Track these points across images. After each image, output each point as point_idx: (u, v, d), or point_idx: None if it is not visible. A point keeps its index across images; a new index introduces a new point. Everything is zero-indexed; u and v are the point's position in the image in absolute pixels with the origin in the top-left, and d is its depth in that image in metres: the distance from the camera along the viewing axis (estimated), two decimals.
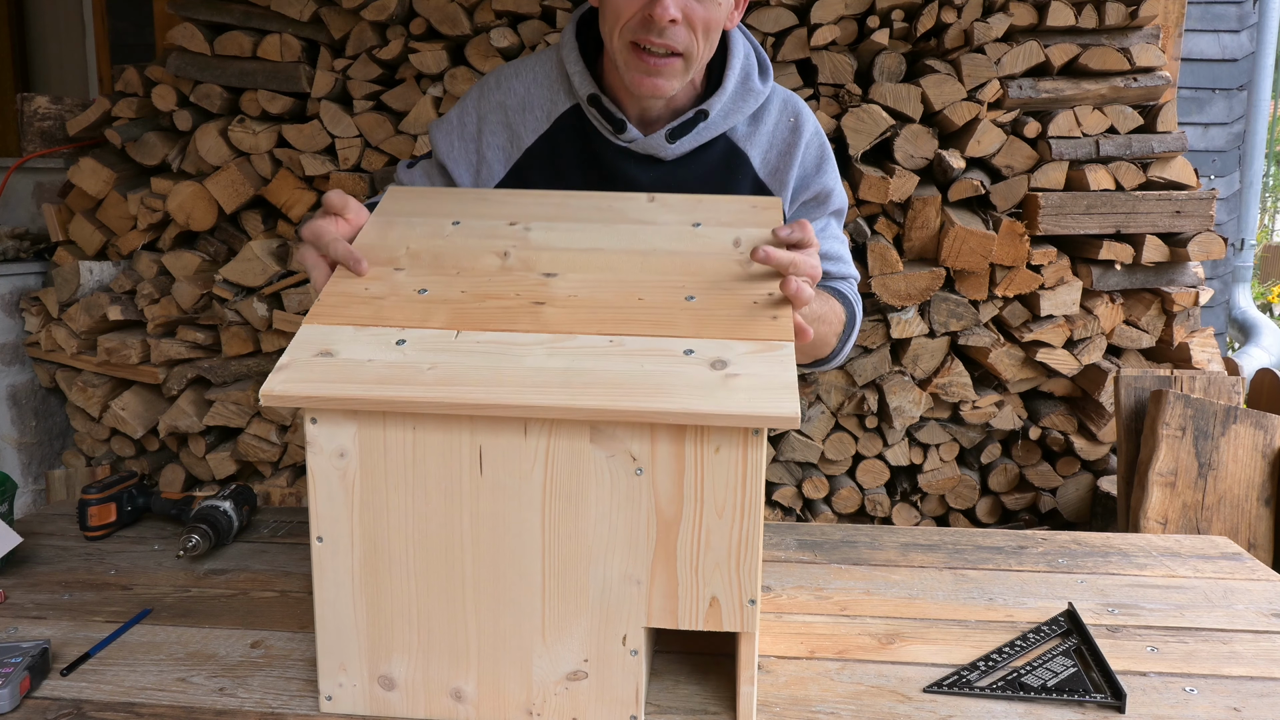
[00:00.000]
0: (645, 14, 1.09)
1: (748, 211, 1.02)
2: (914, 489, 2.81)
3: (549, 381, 0.78)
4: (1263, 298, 6.54)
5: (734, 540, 0.78)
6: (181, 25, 2.74)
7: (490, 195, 1.07)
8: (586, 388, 0.77)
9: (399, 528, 0.80)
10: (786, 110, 1.27)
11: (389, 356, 0.81)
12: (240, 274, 2.74)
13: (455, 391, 0.77)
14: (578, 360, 0.80)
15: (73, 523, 1.29)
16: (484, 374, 0.79)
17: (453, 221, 1.00)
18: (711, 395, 0.76)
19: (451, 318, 0.86)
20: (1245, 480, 2.22)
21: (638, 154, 1.21)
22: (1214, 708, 0.84)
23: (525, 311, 0.87)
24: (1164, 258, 2.58)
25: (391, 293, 0.89)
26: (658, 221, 1.01)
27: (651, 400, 0.76)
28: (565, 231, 0.99)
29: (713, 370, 0.79)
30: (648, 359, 0.81)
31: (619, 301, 0.88)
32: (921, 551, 1.22)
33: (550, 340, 0.83)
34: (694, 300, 0.88)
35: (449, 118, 1.27)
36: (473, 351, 0.82)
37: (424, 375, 0.79)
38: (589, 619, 0.80)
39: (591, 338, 0.83)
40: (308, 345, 0.83)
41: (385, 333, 0.84)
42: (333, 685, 0.83)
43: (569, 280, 0.91)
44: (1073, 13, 2.53)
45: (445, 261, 0.94)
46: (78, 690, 0.86)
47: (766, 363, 0.80)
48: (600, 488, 0.78)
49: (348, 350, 0.82)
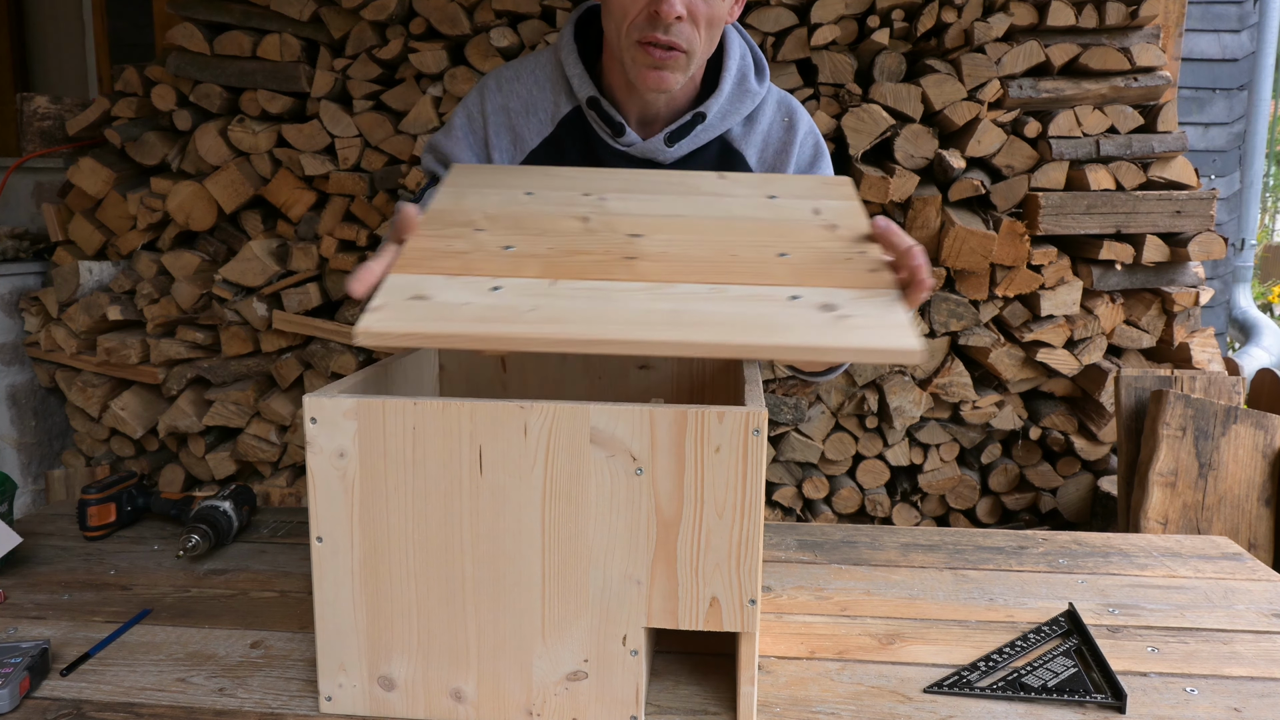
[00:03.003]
0: (651, 11, 1.09)
1: (820, 186, 1.03)
2: (914, 489, 2.80)
3: (657, 320, 0.75)
4: (1263, 298, 6.54)
5: (734, 540, 0.77)
6: (181, 25, 2.74)
7: (558, 170, 1.06)
8: (698, 325, 0.75)
9: (399, 528, 0.80)
10: (781, 110, 1.28)
11: (486, 300, 0.78)
12: (240, 274, 2.74)
13: (561, 328, 0.74)
14: (683, 304, 0.78)
15: (72, 523, 1.29)
16: (588, 313, 0.76)
17: (525, 192, 1.00)
18: (827, 331, 0.74)
19: (544, 269, 0.84)
20: (1246, 480, 2.22)
21: (636, 157, 1.21)
22: (1214, 708, 0.84)
23: (618, 265, 0.85)
24: (1164, 258, 2.58)
25: (476, 249, 0.87)
26: (732, 194, 1.01)
27: (768, 337, 0.74)
28: (641, 201, 0.99)
29: (822, 312, 0.77)
30: (753, 303, 0.78)
31: (712, 257, 0.87)
32: (922, 552, 1.22)
33: (650, 287, 0.81)
34: (788, 256, 0.87)
35: (453, 126, 1.26)
36: (573, 296, 0.79)
37: (526, 315, 0.76)
38: (589, 619, 0.80)
39: (693, 285, 0.81)
40: (398, 290, 0.79)
41: (478, 280, 0.81)
42: (332, 685, 0.83)
43: (656, 240, 0.90)
44: (1073, 12, 2.53)
45: (526, 224, 0.92)
46: (78, 690, 0.86)
47: (875, 305, 0.78)
48: (600, 488, 0.78)
49: (442, 295, 0.79)
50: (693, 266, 0.85)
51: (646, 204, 0.98)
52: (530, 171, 1.07)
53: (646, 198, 1.00)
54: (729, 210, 0.97)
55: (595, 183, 1.03)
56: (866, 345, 0.73)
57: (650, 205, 0.98)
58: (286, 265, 2.76)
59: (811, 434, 2.72)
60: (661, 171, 1.08)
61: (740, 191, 1.02)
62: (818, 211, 0.97)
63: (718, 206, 0.98)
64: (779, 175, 1.09)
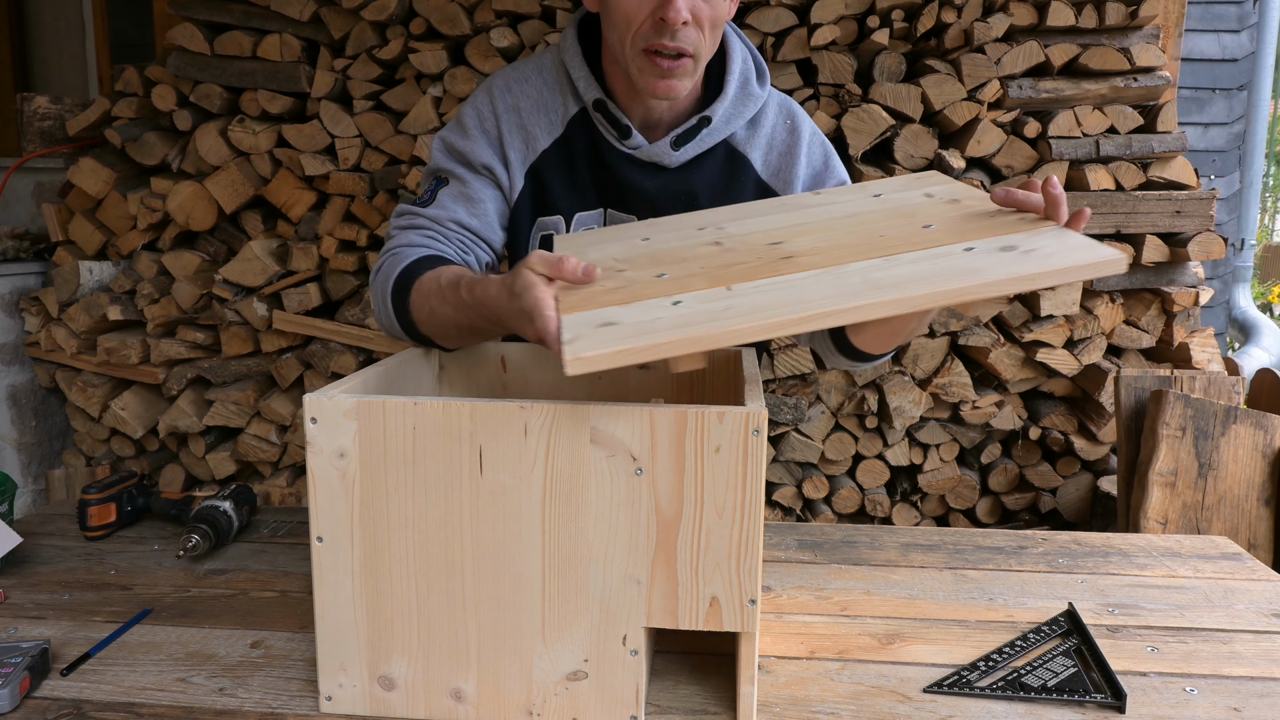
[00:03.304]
0: (656, 18, 1.09)
1: (915, 181, 1.04)
2: (914, 489, 2.81)
3: (857, 288, 0.73)
4: (1263, 298, 6.54)
5: (734, 540, 0.78)
6: (181, 25, 2.74)
7: (654, 221, 1.08)
8: (901, 284, 0.73)
9: (399, 528, 0.80)
10: (782, 112, 1.28)
11: (674, 312, 0.76)
12: (240, 274, 2.74)
13: (774, 311, 0.72)
14: (870, 274, 0.76)
15: (73, 523, 1.29)
16: (788, 297, 0.74)
17: (641, 238, 1.00)
18: (1026, 263, 0.74)
19: (711, 281, 0.82)
20: (1245, 480, 2.22)
21: (642, 161, 1.21)
22: (1214, 708, 0.84)
23: (779, 264, 0.83)
24: (1164, 258, 2.58)
25: (631, 282, 0.85)
26: (838, 201, 1.02)
27: (976, 277, 0.73)
28: (758, 221, 0.99)
29: (1005, 253, 0.77)
30: (935, 261, 0.77)
31: (863, 242, 0.85)
32: (922, 551, 1.22)
33: (826, 270, 0.79)
34: (933, 227, 0.87)
35: (465, 126, 1.22)
36: (758, 292, 0.77)
37: (725, 314, 0.73)
38: (589, 619, 0.80)
39: (865, 261, 0.79)
40: (583, 323, 0.76)
41: (654, 302, 0.78)
42: (333, 685, 0.83)
43: (800, 242, 0.89)
44: (1073, 13, 2.53)
45: (663, 258, 0.91)
46: (78, 690, 0.86)
47: (1048, 237, 0.79)
48: (600, 487, 0.78)
49: (629, 318, 0.76)
50: (851, 250, 0.83)
51: (765, 223, 0.98)
52: (629, 226, 1.08)
53: (761, 219, 1.00)
54: (846, 210, 0.97)
55: (702, 219, 1.03)
56: (1070, 264, 0.73)
57: (769, 223, 0.98)
58: (287, 265, 2.76)
59: (811, 434, 2.72)
60: (761, 201, 1.10)
61: (845, 197, 1.02)
62: (930, 195, 0.98)
63: (833, 211, 0.98)
64: (872, 182, 1.07)
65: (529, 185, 1.23)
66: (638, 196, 1.22)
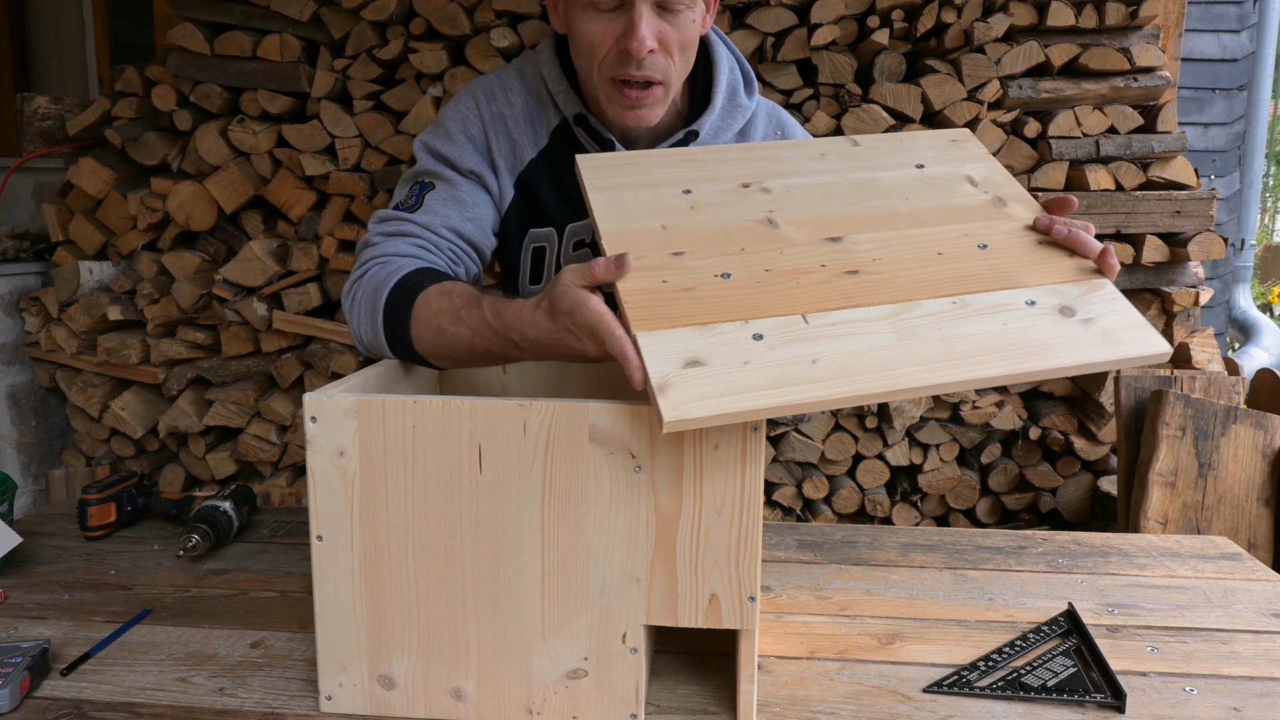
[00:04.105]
0: (620, 48, 1.05)
1: (947, 146, 1.06)
2: (914, 489, 2.81)
3: (939, 358, 0.79)
4: (1263, 298, 6.54)
5: (733, 537, 0.78)
6: (181, 25, 2.74)
7: (691, 153, 1.02)
8: (979, 358, 0.80)
9: (399, 527, 0.80)
10: (771, 123, 1.26)
11: (764, 356, 0.77)
12: (240, 274, 2.74)
13: (863, 382, 0.76)
14: (943, 328, 0.82)
15: (73, 523, 1.29)
16: (873, 361, 0.78)
17: (683, 190, 0.96)
18: (1089, 345, 0.82)
19: (784, 302, 0.83)
20: (1245, 480, 2.22)
21: None
22: (1214, 708, 0.84)
23: (847, 283, 0.86)
24: (1164, 258, 2.58)
25: (695, 282, 0.85)
26: (881, 165, 1.03)
27: (1048, 360, 0.80)
28: (804, 187, 0.99)
29: (1065, 318, 0.85)
30: (999, 315, 0.84)
31: (923, 259, 0.90)
32: (921, 552, 1.22)
33: (897, 311, 0.83)
34: (987, 249, 0.92)
35: (449, 132, 1.18)
36: (836, 335, 0.80)
37: (815, 371, 0.76)
38: (589, 617, 0.80)
39: (935, 301, 0.85)
40: (668, 357, 0.76)
41: (732, 329, 0.79)
42: (333, 685, 0.83)
43: (859, 242, 0.91)
44: (1073, 13, 2.53)
45: (717, 239, 0.90)
46: (78, 690, 0.86)
47: (1104, 302, 0.86)
48: (600, 485, 0.78)
49: (715, 356, 0.76)
50: (915, 275, 0.88)
51: (811, 191, 0.98)
52: (664, 158, 1.01)
53: (803, 181, 0.99)
54: (894, 189, 0.99)
55: (743, 169, 1.00)
56: (1130, 355, 0.83)
57: (815, 193, 0.98)
58: (287, 265, 2.76)
59: (811, 434, 2.72)
60: (795, 143, 1.06)
61: (886, 161, 1.04)
62: (973, 182, 1.01)
63: (881, 188, 1.00)
64: (906, 135, 1.08)
65: (519, 196, 1.19)
66: None
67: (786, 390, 0.74)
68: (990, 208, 0.97)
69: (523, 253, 1.22)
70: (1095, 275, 0.90)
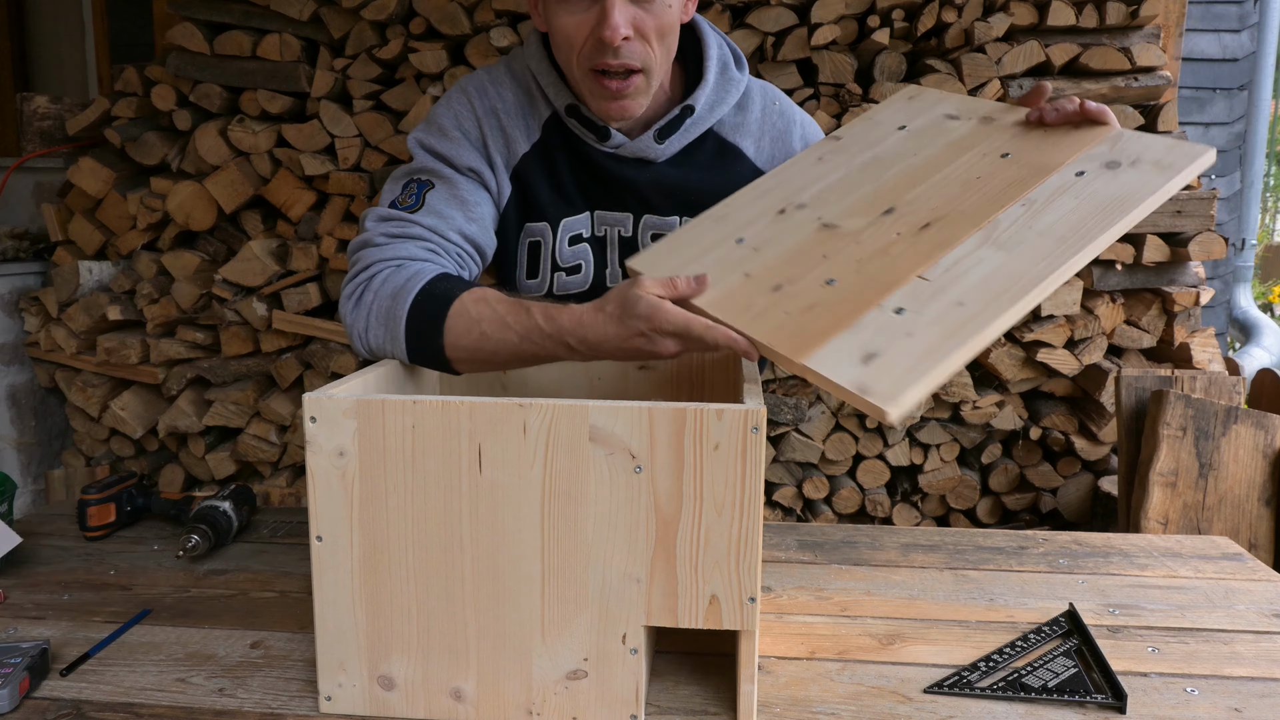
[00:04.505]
0: (596, 37, 1.05)
1: (908, 104, 1.12)
2: (914, 489, 2.80)
3: (1049, 248, 0.84)
4: (1263, 298, 6.53)
5: (733, 538, 0.77)
6: (181, 25, 2.74)
7: (710, 215, 1.06)
8: (1081, 230, 0.84)
9: (399, 527, 0.80)
10: (767, 97, 1.26)
11: (918, 322, 0.80)
12: (240, 274, 2.74)
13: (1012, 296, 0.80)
14: (1033, 225, 0.87)
15: (72, 523, 1.29)
16: (1002, 278, 0.82)
17: (735, 240, 0.99)
18: (1153, 178, 0.87)
19: (891, 275, 0.86)
20: (1246, 480, 2.22)
21: (627, 158, 1.19)
22: (1215, 708, 0.84)
23: (928, 235, 0.90)
24: (1165, 257, 2.57)
25: (811, 300, 0.87)
26: (872, 143, 1.07)
27: (1132, 206, 0.85)
28: (830, 188, 1.03)
29: (1115, 170, 0.90)
30: (1066, 195, 0.89)
31: (969, 187, 0.95)
32: (922, 552, 1.22)
33: (985, 234, 0.88)
34: (1009, 156, 0.97)
35: (444, 129, 1.16)
36: (958, 275, 0.84)
37: (968, 310, 0.80)
38: (588, 618, 0.80)
39: (1008, 211, 0.90)
40: (844, 365, 0.79)
41: (873, 316, 0.82)
42: (332, 685, 0.83)
43: (910, 202, 0.96)
44: (1073, 12, 2.53)
45: (798, 260, 0.93)
46: (77, 690, 0.86)
47: (1133, 145, 0.92)
48: (600, 486, 0.77)
49: (880, 343, 0.80)
50: (974, 204, 0.92)
51: (841, 190, 1.01)
52: (696, 227, 1.05)
53: (823, 184, 1.03)
54: (900, 155, 1.03)
55: (772, 199, 1.04)
56: (1189, 169, 0.88)
57: (845, 189, 1.01)
58: (286, 265, 2.76)
59: (812, 434, 2.72)
60: (791, 162, 1.10)
61: (874, 138, 1.08)
62: (953, 117, 1.07)
63: (888, 159, 1.04)
64: (871, 110, 1.13)
65: (515, 190, 1.19)
66: (629, 192, 1.20)
67: (959, 334, 0.78)
68: (983, 127, 1.03)
69: (520, 246, 1.22)
70: (1102, 128, 0.96)
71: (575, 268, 1.23)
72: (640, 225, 1.22)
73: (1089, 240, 0.83)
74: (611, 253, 1.24)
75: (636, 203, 1.21)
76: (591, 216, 1.22)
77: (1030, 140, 0.98)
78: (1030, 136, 0.99)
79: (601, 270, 1.24)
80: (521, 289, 1.24)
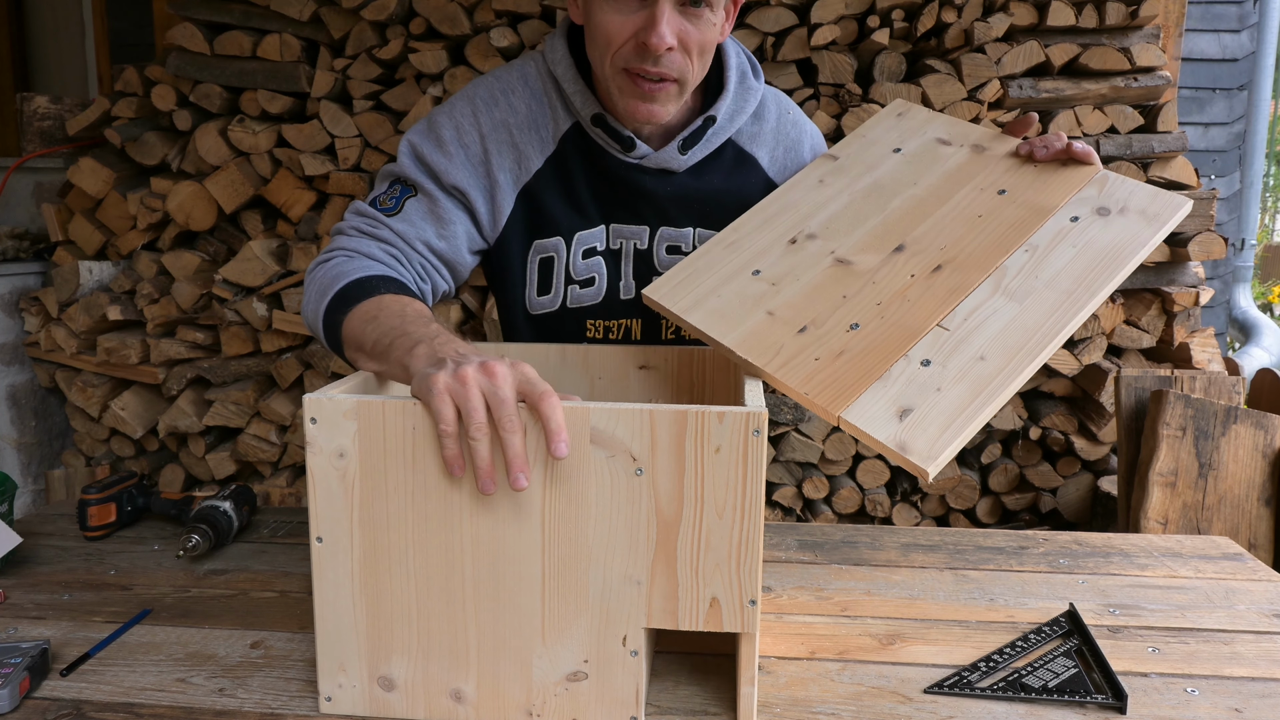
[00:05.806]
0: (639, 41, 1.03)
1: (898, 122, 1.17)
2: (914, 489, 2.80)
3: (1056, 300, 0.90)
4: (1263, 298, 6.53)
5: (734, 540, 0.77)
6: (181, 25, 2.74)
7: (719, 240, 1.08)
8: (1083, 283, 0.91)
9: (399, 528, 0.80)
10: (781, 106, 1.26)
11: (944, 376, 0.86)
12: (240, 274, 2.74)
13: (1033, 345, 0.87)
14: (1038, 275, 0.93)
15: (72, 523, 1.29)
16: (1017, 332, 0.89)
17: (752, 272, 1.02)
18: (1141, 229, 0.94)
19: (912, 322, 0.91)
20: (1246, 480, 2.22)
21: (649, 169, 1.18)
22: (1215, 708, 0.84)
23: (941, 279, 0.95)
24: (1164, 257, 2.58)
25: (840, 345, 0.91)
26: (871, 165, 1.11)
27: (1125, 258, 0.93)
28: (836, 216, 1.06)
29: (1106, 217, 0.97)
30: (1065, 243, 0.95)
31: (972, 226, 0.99)
32: (922, 552, 1.22)
33: (995, 282, 0.94)
34: (1006, 193, 1.02)
35: (442, 140, 1.14)
36: (975, 327, 0.90)
37: (991, 365, 0.86)
38: (589, 619, 0.80)
39: (1013, 257, 0.96)
40: (882, 419, 0.84)
41: (900, 367, 0.88)
42: (332, 686, 0.83)
43: (917, 240, 0.99)
44: (1073, 12, 2.53)
45: (818, 300, 0.97)
46: (77, 690, 0.86)
47: (1120, 190, 1.00)
48: (600, 488, 0.77)
49: (912, 398, 0.85)
50: (979, 245, 0.97)
51: (847, 219, 1.05)
52: (708, 254, 1.06)
53: (829, 212, 1.07)
54: (898, 180, 1.08)
55: (776, 228, 1.07)
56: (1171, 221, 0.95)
57: (851, 218, 1.05)
58: (286, 265, 2.76)
59: (811, 434, 2.72)
60: (792, 183, 1.12)
61: (871, 158, 1.12)
62: (945, 142, 1.11)
63: (888, 186, 1.07)
64: (863, 127, 1.17)
65: (521, 208, 1.17)
66: (647, 204, 1.19)
67: (986, 393, 0.83)
68: (976, 157, 1.07)
69: (529, 263, 1.20)
70: (1088, 168, 1.02)
71: (589, 280, 1.22)
72: (656, 238, 1.21)
73: (1092, 295, 0.90)
74: (626, 265, 1.22)
75: (654, 215, 1.20)
76: (607, 230, 1.21)
77: (1024, 177, 1.04)
78: (1023, 173, 1.04)
79: (615, 283, 1.23)
80: (533, 307, 1.23)
